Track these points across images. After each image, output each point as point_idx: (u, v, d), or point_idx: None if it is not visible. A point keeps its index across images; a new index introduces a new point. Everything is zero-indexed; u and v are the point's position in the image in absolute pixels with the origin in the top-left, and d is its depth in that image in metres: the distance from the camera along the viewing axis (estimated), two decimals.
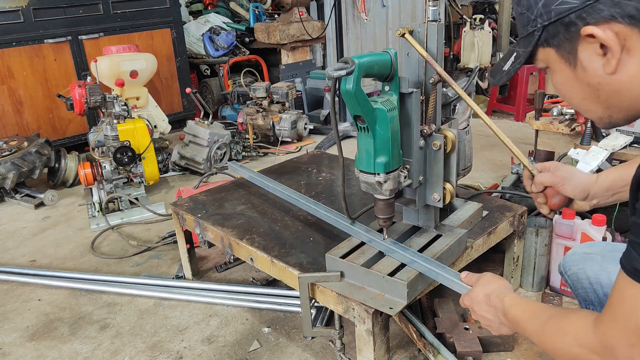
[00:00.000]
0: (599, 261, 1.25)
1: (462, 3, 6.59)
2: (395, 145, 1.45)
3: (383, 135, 1.40)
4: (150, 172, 3.36)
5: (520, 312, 1.07)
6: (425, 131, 1.57)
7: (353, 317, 1.53)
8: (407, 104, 1.52)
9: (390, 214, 1.56)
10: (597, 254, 1.28)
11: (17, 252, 2.88)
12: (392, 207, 1.55)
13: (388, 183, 1.45)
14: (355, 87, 1.29)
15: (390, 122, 1.40)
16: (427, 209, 1.73)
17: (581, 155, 2.19)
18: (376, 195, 1.52)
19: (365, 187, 1.50)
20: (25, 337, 2.12)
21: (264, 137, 4.49)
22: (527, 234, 2.10)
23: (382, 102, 1.40)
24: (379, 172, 1.43)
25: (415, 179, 1.59)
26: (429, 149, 1.61)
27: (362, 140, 1.43)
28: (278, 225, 2.05)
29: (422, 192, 1.66)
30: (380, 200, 1.53)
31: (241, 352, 1.94)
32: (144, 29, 4.73)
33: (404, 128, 1.53)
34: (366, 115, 1.36)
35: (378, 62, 1.40)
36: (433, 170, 1.63)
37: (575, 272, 1.28)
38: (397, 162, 1.47)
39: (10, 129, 4.15)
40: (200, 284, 2.35)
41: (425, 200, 1.68)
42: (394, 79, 1.46)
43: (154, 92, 4.64)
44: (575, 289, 1.29)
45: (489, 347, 1.82)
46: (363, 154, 1.44)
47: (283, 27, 5.30)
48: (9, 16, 4.02)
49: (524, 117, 4.76)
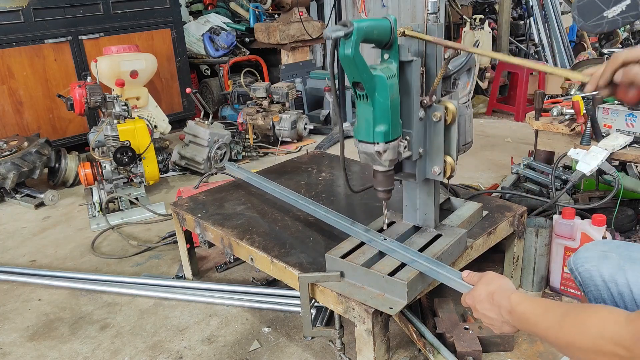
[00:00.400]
0: (615, 259, 1.24)
1: (462, 3, 6.60)
2: (395, 114, 1.42)
3: (382, 103, 1.37)
4: (151, 172, 3.37)
5: (531, 309, 1.06)
6: (425, 102, 1.52)
7: (353, 317, 1.53)
8: (407, 72, 1.48)
9: (389, 186, 1.53)
10: (612, 252, 1.27)
11: (17, 252, 2.89)
12: (392, 179, 1.52)
13: (387, 153, 1.43)
14: (354, 51, 1.26)
15: (389, 90, 1.37)
16: (427, 193, 1.71)
17: (581, 155, 2.19)
18: (375, 167, 1.49)
19: (364, 158, 1.46)
20: (25, 337, 2.12)
21: (264, 137, 4.49)
22: (527, 234, 2.11)
23: (382, 69, 1.37)
24: (378, 142, 1.40)
25: (415, 151, 1.55)
26: (429, 121, 1.56)
27: (361, 108, 1.40)
28: (278, 225, 2.05)
29: (422, 165, 1.62)
30: (380, 172, 1.50)
31: (241, 352, 1.94)
32: (144, 29, 4.73)
33: (404, 97, 1.49)
34: (365, 82, 1.33)
35: (377, 27, 1.36)
36: (433, 143, 1.58)
37: (588, 269, 1.27)
38: (397, 132, 1.44)
39: (10, 129, 4.15)
40: (200, 284, 2.35)
41: (425, 174, 1.63)
42: (394, 47, 1.42)
43: (154, 92, 4.64)
44: (586, 286, 1.28)
45: (489, 347, 1.82)
46: (362, 123, 1.41)
47: (283, 27, 5.31)
48: (9, 16, 4.02)
49: (524, 117, 4.77)
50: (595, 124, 2.39)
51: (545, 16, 6.47)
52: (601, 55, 3.50)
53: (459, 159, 1.65)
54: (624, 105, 1.15)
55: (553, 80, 5.04)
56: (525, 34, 6.46)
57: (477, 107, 5.25)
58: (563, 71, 1.30)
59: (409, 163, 1.65)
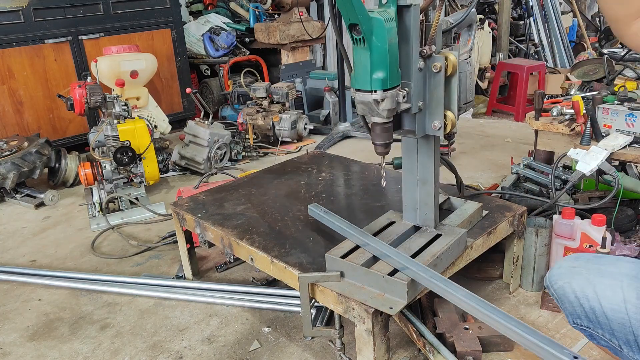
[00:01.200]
0: (584, 274, 1.24)
1: (462, 3, 6.59)
2: (393, 60, 1.37)
3: (380, 47, 1.32)
4: (151, 172, 3.37)
5: None
6: (425, 52, 1.46)
7: (353, 317, 1.53)
8: (405, 18, 1.43)
9: (388, 140, 1.47)
10: (582, 267, 1.26)
11: (17, 252, 2.89)
12: (390, 133, 1.47)
13: (385, 102, 1.37)
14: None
15: (387, 34, 1.32)
16: (427, 146, 1.65)
17: (581, 155, 2.19)
18: (373, 118, 1.43)
19: (361, 109, 1.41)
20: (25, 337, 2.13)
21: (264, 137, 4.50)
22: (526, 234, 2.11)
23: (379, 12, 1.33)
24: (376, 89, 1.35)
25: (414, 103, 1.49)
26: (429, 72, 1.50)
27: (358, 54, 1.35)
28: (278, 225, 2.05)
29: (422, 120, 1.56)
30: (378, 124, 1.44)
31: (241, 352, 1.94)
32: (144, 29, 4.73)
33: (402, 45, 1.44)
34: (362, 23, 1.28)
35: None
36: (433, 96, 1.53)
37: (562, 286, 1.27)
38: (395, 80, 1.39)
39: (10, 129, 4.15)
40: (200, 284, 2.35)
41: (425, 129, 1.57)
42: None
43: (154, 92, 4.64)
44: (561, 302, 1.28)
45: (489, 346, 1.82)
46: (359, 70, 1.36)
47: (283, 27, 5.31)
48: (9, 16, 4.02)
49: (524, 117, 4.77)
50: (595, 124, 2.40)
51: (545, 16, 6.47)
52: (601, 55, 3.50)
53: (458, 159, 1.65)
54: None
55: (553, 81, 5.04)
56: (525, 34, 6.46)
57: (477, 107, 5.25)
58: None
59: (408, 118, 1.58)
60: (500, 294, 2.18)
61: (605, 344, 1.20)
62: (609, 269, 1.22)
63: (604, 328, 1.18)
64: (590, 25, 7.60)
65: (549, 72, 5.34)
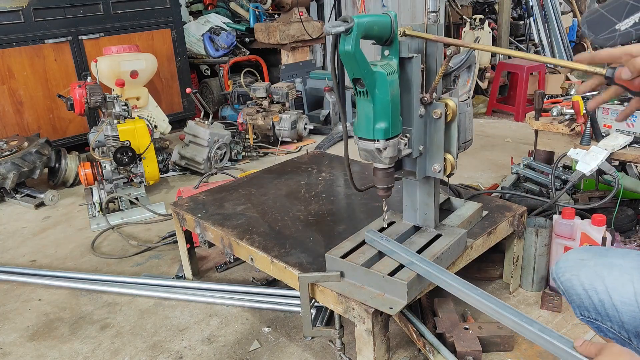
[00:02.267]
0: (592, 267, 1.24)
1: (462, 3, 6.60)
2: (395, 110, 1.41)
3: (383, 99, 1.36)
4: (151, 172, 3.37)
5: None
6: (425, 99, 1.51)
7: (353, 317, 1.53)
8: (407, 69, 1.47)
9: (389, 184, 1.52)
10: (589, 260, 1.27)
11: (17, 252, 2.89)
12: (392, 177, 1.52)
13: (388, 150, 1.42)
14: (355, 47, 1.26)
15: (389, 86, 1.36)
16: (427, 192, 1.70)
17: (581, 155, 2.19)
18: (375, 164, 1.48)
19: (364, 156, 1.46)
20: (25, 337, 2.12)
21: (264, 137, 4.50)
22: (526, 234, 2.11)
23: (382, 66, 1.37)
24: (379, 139, 1.40)
25: (415, 148, 1.55)
26: (430, 118, 1.56)
27: (362, 105, 1.39)
28: (278, 225, 2.05)
29: (422, 163, 1.61)
30: (380, 170, 1.49)
31: (241, 352, 1.94)
32: (144, 29, 4.73)
33: (404, 94, 1.49)
34: (365, 78, 1.32)
35: (378, 22, 1.36)
36: (433, 140, 1.58)
37: (569, 278, 1.27)
38: (397, 129, 1.44)
39: (10, 129, 4.15)
40: (200, 284, 2.35)
41: (426, 171, 1.63)
42: (394, 43, 1.42)
43: (154, 92, 4.64)
44: (569, 295, 1.28)
45: (489, 347, 1.82)
46: (362, 120, 1.41)
47: (283, 27, 5.31)
48: (9, 16, 4.02)
49: (524, 117, 4.77)
50: (595, 124, 2.40)
51: (545, 16, 6.47)
52: None
53: (458, 158, 1.65)
54: (630, 94, 1.11)
55: (553, 81, 5.04)
56: (525, 34, 6.46)
57: (477, 107, 5.25)
58: (567, 62, 1.16)
59: (409, 160, 1.64)
60: (500, 294, 2.18)
61: (613, 336, 1.21)
62: (618, 262, 1.22)
63: (613, 320, 1.19)
64: None
65: (549, 72, 5.34)
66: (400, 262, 1.58)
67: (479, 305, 1.37)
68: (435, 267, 1.50)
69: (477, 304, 1.37)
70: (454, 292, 1.43)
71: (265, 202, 2.27)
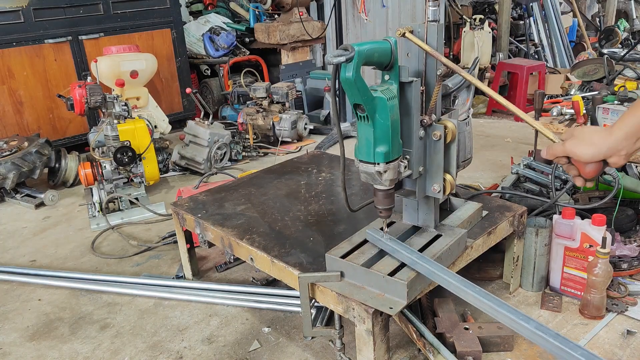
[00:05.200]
0: None
1: (462, 3, 6.60)
2: (395, 134, 1.44)
3: (383, 124, 1.39)
4: (151, 172, 3.37)
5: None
6: (425, 121, 1.55)
7: (353, 317, 1.53)
8: (407, 93, 1.51)
9: (389, 205, 1.55)
10: None
11: (17, 252, 2.89)
12: (392, 198, 1.54)
13: (388, 173, 1.45)
14: (355, 74, 1.28)
15: (390, 111, 1.39)
16: (427, 203, 1.72)
17: None
18: (376, 186, 1.51)
19: (365, 178, 1.49)
20: (25, 337, 2.12)
21: (264, 137, 4.50)
22: (527, 234, 2.11)
23: (382, 91, 1.39)
24: (379, 162, 1.42)
25: (415, 169, 1.58)
26: (429, 139, 1.60)
27: (362, 129, 1.42)
28: (278, 225, 2.05)
29: (422, 183, 1.65)
30: (380, 191, 1.52)
31: (241, 352, 1.94)
32: (144, 29, 4.73)
33: (404, 117, 1.52)
34: (366, 104, 1.35)
35: (378, 49, 1.39)
36: (433, 161, 1.62)
37: None
38: (397, 152, 1.47)
39: (10, 129, 4.15)
40: (200, 284, 2.35)
41: (425, 191, 1.67)
42: (394, 68, 1.45)
43: (154, 92, 4.64)
44: None
45: (489, 347, 1.82)
46: (363, 143, 1.43)
47: (283, 27, 5.31)
48: (9, 16, 4.02)
49: None
50: (595, 124, 2.40)
51: (545, 16, 6.47)
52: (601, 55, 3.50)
53: None
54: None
55: (553, 81, 5.04)
56: (525, 34, 6.46)
57: (477, 107, 5.25)
58: (542, 129, 1.33)
59: (409, 181, 1.67)
60: (500, 294, 2.17)
61: None
62: None
63: None
64: (590, 25, 7.60)
65: (549, 72, 5.34)
66: (403, 260, 1.59)
67: (477, 303, 1.38)
68: (436, 265, 1.50)
69: (476, 301, 1.38)
70: (454, 290, 1.44)
71: (265, 202, 2.26)
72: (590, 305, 1.97)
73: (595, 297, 1.95)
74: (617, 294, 2.07)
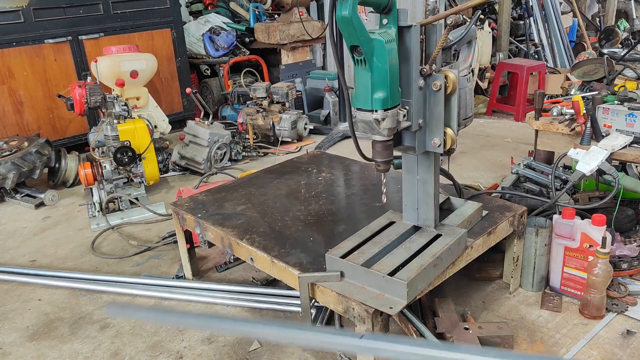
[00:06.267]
0: None
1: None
2: (394, 80, 1.39)
3: (381, 68, 1.34)
4: (151, 172, 3.37)
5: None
6: (425, 70, 1.48)
7: (353, 317, 1.53)
8: (406, 38, 1.45)
9: (388, 157, 1.49)
10: None
11: (17, 252, 2.89)
12: (391, 150, 1.49)
13: (386, 121, 1.40)
14: (352, 12, 1.24)
15: (388, 55, 1.34)
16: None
17: (581, 155, 2.19)
18: (374, 137, 1.45)
19: (362, 128, 1.43)
20: (25, 337, 2.12)
21: (264, 137, 4.50)
22: (527, 234, 2.11)
23: (380, 34, 1.34)
24: (377, 109, 1.38)
25: (414, 121, 1.51)
26: (429, 90, 1.53)
27: (359, 74, 1.37)
28: (278, 225, 2.05)
29: (422, 137, 1.58)
30: (378, 142, 1.46)
31: (241, 352, 1.94)
32: (144, 29, 4.73)
33: (403, 65, 1.46)
34: (363, 45, 1.30)
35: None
36: (433, 113, 1.55)
37: None
38: (396, 99, 1.41)
39: (10, 129, 4.15)
40: (200, 284, 2.35)
41: (425, 146, 1.60)
42: (392, 11, 1.39)
43: (154, 92, 4.64)
44: None
45: (489, 346, 1.82)
46: (360, 90, 1.38)
47: (283, 27, 5.31)
48: (9, 16, 4.02)
49: (524, 117, 4.77)
50: (595, 124, 2.39)
51: (545, 16, 6.47)
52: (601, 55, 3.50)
53: (458, 158, 1.65)
54: None
55: (553, 81, 5.04)
56: (525, 34, 6.46)
57: (477, 107, 5.25)
58: None
59: (408, 135, 1.60)
60: (500, 294, 2.18)
61: None
62: None
63: None
64: (590, 25, 7.60)
65: (549, 72, 5.33)
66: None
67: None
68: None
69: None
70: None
71: (265, 202, 2.26)
72: (590, 305, 1.97)
73: (595, 297, 1.95)
74: (617, 294, 2.08)
